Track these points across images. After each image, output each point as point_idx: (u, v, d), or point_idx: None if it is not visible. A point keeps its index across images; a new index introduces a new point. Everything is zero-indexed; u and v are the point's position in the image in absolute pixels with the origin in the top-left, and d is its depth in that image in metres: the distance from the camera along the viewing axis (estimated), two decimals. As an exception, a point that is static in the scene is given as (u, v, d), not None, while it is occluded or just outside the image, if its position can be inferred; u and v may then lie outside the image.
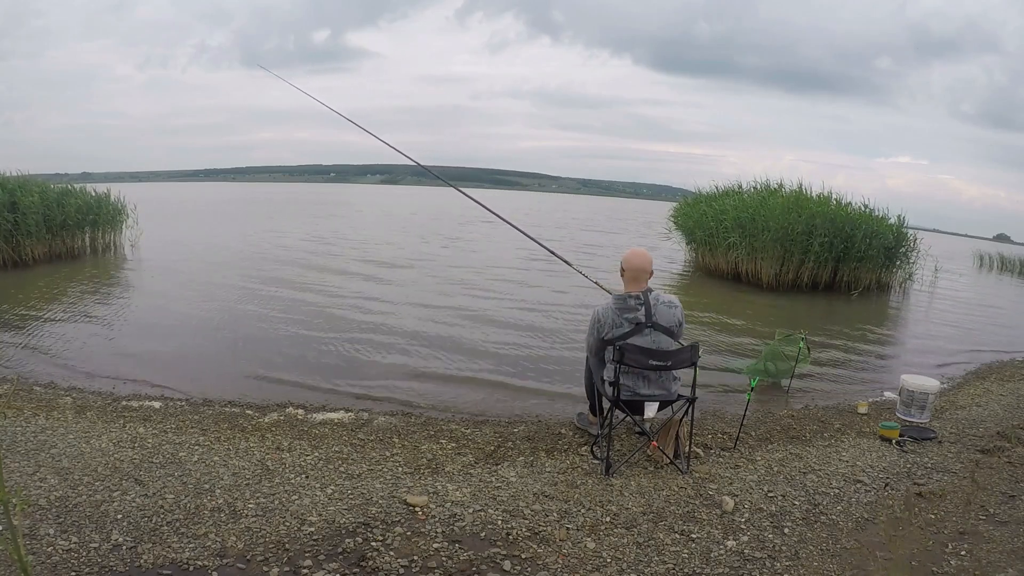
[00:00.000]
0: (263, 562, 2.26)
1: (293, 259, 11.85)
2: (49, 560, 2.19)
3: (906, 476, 3.31)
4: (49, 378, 4.65)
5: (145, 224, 13.06)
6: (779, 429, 4.06)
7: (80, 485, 2.77)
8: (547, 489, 2.96)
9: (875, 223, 10.88)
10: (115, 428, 3.55)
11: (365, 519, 2.59)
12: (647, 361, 3.14)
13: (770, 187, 12.18)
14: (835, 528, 2.72)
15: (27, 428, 3.43)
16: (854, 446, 3.74)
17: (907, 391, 4.30)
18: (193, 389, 4.52)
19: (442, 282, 10.00)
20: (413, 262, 12.35)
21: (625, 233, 24.15)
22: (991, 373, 6.14)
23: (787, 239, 10.30)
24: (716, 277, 11.59)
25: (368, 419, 3.99)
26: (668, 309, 3.26)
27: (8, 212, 9.36)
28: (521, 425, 4.00)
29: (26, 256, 9.67)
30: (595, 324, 3.32)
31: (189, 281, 9.15)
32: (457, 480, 3.05)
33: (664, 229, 14.80)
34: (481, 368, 5.43)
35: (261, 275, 9.77)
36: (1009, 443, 3.83)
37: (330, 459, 3.24)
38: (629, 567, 2.35)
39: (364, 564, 2.27)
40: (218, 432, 3.59)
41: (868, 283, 10.88)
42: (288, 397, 4.44)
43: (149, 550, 2.29)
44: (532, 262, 12.22)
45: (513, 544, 2.46)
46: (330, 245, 14.71)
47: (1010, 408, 4.73)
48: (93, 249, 11.60)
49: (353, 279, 9.84)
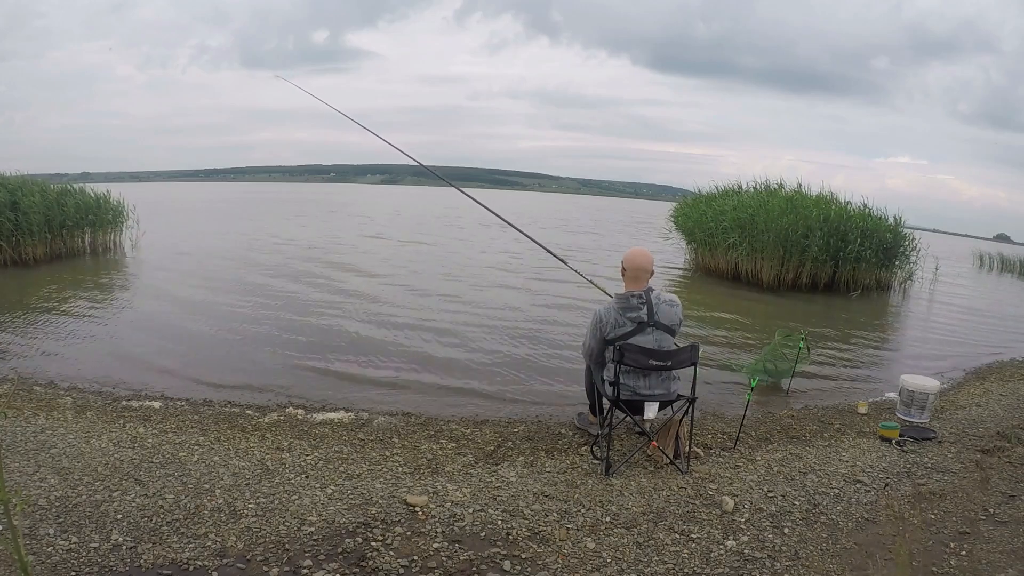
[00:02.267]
0: (263, 562, 2.26)
1: (293, 259, 11.85)
2: (49, 560, 2.19)
3: (906, 476, 3.31)
4: (49, 378, 4.65)
5: (145, 224, 13.07)
6: (779, 429, 4.06)
7: (80, 485, 2.77)
8: (547, 489, 2.96)
9: (873, 223, 10.88)
10: (115, 428, 3.55)
11: (365, 519, 2.59)
12: (647, 361, 3.14)
13: (770, 187, 12.19)
14: (835, 528, 2.72)
15: (27, 428, 3.43)
16: (854, 446, 3.74)
17: (907, 391, 4.30)
18: (193, 389, 4.52)
19: (442, 283, 10.00)
20: (413, 261, 12.36)
21: (602, 235, 22.17)
22: (991, 373, 6.14)
23: (786, 239, 10.30)
24: (716, 277, 11.59)
25: (368, 419, 3.99)
26: (669, 308, 3.27)
27: (10, 211, 9.36)
28: (521, 425, 4.00)
29: (26, 256, 9.67)
30: (596, 324, 3.31)
31: (189, 281, 9.14)
32: (457, 480, 3.05)
33: (650, 228, 14.79)
34: (481, 368, 5.42)
35: (261, 275, 9.77)
36: (1009, 443, 3.83)
37: (330, 459, 3.24)
38: (629, 567, 2.35)
39: (364, 564, 2.27)
40: (218, 432, 3.59)
41: (868, 283, 10.89)
42: (288, 397, 4.44)
43: (149, 550, 2.29)
44: (530, 262, 12.22)
45: (513, 544, 2.46)
46: (330, 245, 14.71)
47: (1010, 408, 4.73)
48: (93, 249, 11.60)
49: (353, 279, 9.83)
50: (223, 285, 8.86)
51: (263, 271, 10.24)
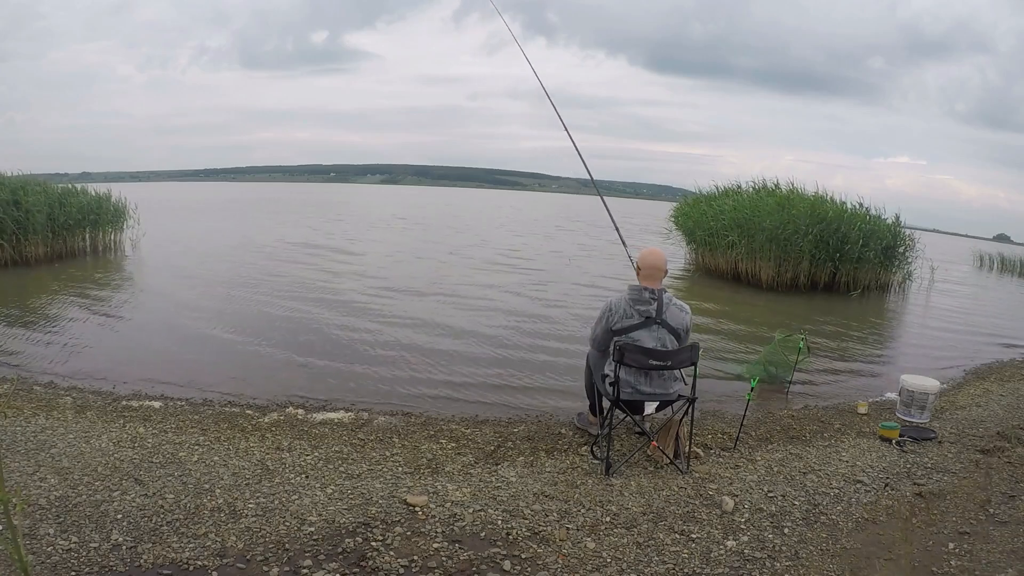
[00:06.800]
0: (263, 562, 2.25)
1: (293, 259, 11.86)
2: (49, 560, 2.19)
3: (906, 476, 3.31)
4: (49, 378, 4.65)
5: (146, 224, 13.06)
6: (779, 429, 4.06)
7: (80, 485, 2.77)
8: (547, 489, 2.96)
9: (872, 223, 10.87)
10: (115, 428, 3.55)
11: (365, 519, 2.59)
12: (647, 361, 3.15)
13: (767, 187, 12.19)
14: (835, 528, 2.71)
15: (27, 428, 3.43)
16: (854, 446, 3.74)
17: (907, 391, 4.30)
18: (193, 389, 4.52)
19: (441, 282, 10.00)
20: (412, 261, 12.36)
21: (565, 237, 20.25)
22: (991, 373, 6.13)
23: (781, 238, 10.29)
24: (716, 277, 11.59)
25: (368, 419, 3.99)
26: (679, 311, 3.30)
27: (14, 209, 9.36)
28: (521, 425, 4.00)
29: (27, 256, 9.67)
30: (606, 312, 3.34)
31: (189, 281, 9.15)
32: (457, 480, 3.05)
33: (638, 229, 14.69)
34: (481, 368, 5.42)
35: (261, 275, 9.77)
36: (1009, 443, 3.83)
37: (330, 459, 3.24)
38: (629, 567, 2.35)
39: (364, 564, 2.27)
40: (218, 432, 3.59)
41: (867, 283, 10.88)
42: (288, 397, 4.44)
43: (149, 550, 2.29)
44: (531, 262, 12.22)
45: (513, 544, 2.46)
46: (329, 245, 14.71)
47: (1010, 408, 4.73)
48: (93, 249, 11.60)
49: (354, 279, 9.84)
50: (223, 285, 8.85)
51: (263, 271, 10.24)
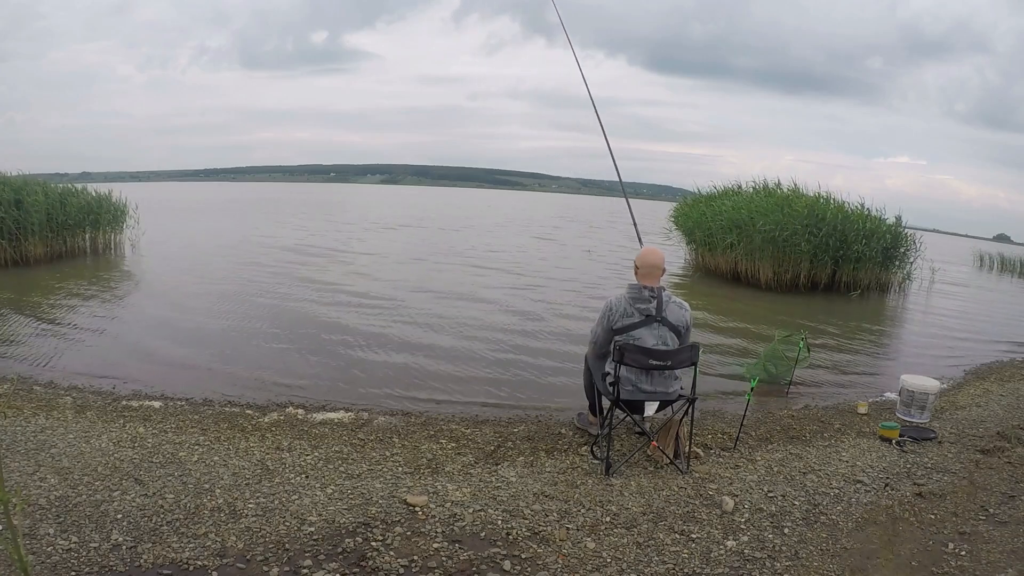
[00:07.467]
0: (263, 562, 2.26)
1: (293, 259, 11.85)
2: (49, 560, 2.19)
3: (906, 476, 3.31)
4: (49, 378, 4.64)
5: (146, 224, 13.06)
6: (779, 429, 4.06)
7: (80, 485, 2.77)
8: (547, 489, 2.96)
9: (872, 223, 10.86)
10: (115, 428, 3.55)
11: (365, 519, 2.59)
12: (647, 360, 3.15)
13: (768, 187, 12.17)
14: (835, 528, 2.71)
15: (27, 428, 3.43)
16: (854, 446, 3.74)
17: (907, 391, 4.29)
18: (193, 389, 4.51)
19: (442, 281, 10.00)
20: (412, 261, 12.36)
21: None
22: (991, 373, 6.13)
23: (779, 240, 10.28)
24: (716, 277, 11.59)
25: (368, 419, 3.99)
26: (678, 309, 3.30)
27: (14, 209, 9.35)
28: (521, 425, 4.00)
29: (28, 255, 9.67)
30: (606, 312, 3.34)
31: (189, 281, 9.15)
32: (457, 480, 3.05)
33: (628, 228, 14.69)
34: (481, 368, 5.42)
35: (261, 275, 9.77)
36: (1009, 443, 3.83)
37: (330, 459, 3.24)
38: (629, 567, 2.35)
39: (364, 564, 2.27)
40: (218, 432, 3.59)
41: (867, 283, 10.87)
42: (288, 397, 4.44)
43: (149, 550, 2.29)
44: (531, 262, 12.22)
45: (513, 544, 2.46)
46: (329, 246, 14.70)
47: (1010, 408, 4.73)
48: (94, 248, 11.59)
49: (354, 278, 9.84)
50: (223, 285, 8.85)
51: (263, 271, 10.23)
